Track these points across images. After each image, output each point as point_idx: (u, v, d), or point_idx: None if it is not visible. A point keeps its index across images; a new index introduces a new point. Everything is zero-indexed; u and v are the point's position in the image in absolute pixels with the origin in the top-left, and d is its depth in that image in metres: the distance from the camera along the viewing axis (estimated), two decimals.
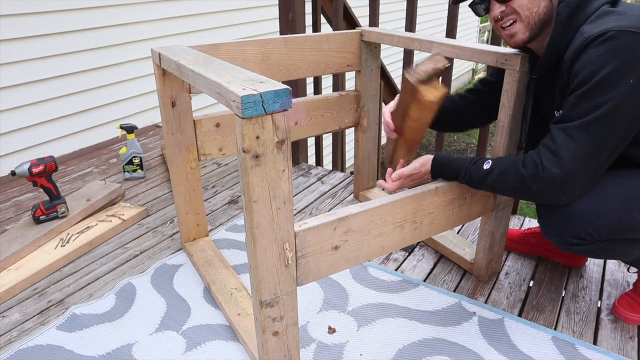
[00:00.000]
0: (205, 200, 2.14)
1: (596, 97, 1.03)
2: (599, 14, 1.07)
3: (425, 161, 1.33)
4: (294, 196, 2.18)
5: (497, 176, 1.19)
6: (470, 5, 1.20)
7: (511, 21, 1.15)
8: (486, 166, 1.21)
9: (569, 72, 1.09)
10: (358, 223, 1.12)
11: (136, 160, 2.32)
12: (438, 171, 1.31)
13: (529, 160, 1.13)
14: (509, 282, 1.58)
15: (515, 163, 1.15)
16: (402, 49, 1.94)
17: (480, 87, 1.51)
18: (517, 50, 1.27)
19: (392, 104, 1.42)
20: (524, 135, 1.34)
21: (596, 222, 1.15)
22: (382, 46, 2.23)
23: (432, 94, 1.14)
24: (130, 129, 2.28)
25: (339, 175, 2.41)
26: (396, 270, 1.66)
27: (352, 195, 2.19)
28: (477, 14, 1.22)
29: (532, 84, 1.27)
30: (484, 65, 8.85)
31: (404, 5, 2.32)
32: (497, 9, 1.15)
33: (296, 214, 2.04)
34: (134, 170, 2.34)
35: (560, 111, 1.15)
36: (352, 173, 2.28)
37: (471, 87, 1.54)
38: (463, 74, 9.38)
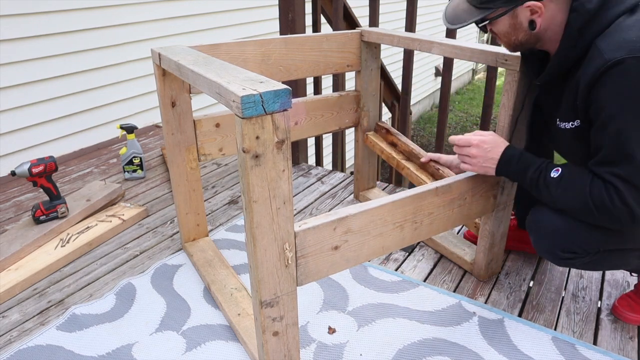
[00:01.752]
0: (205, 201, 2.14)
1: (636, 131, 0.99)
2: (615, 27, 1.01)
3: (496, 142, 1.26)
4: (294, 196, 2.18)
5: (562, 189, 1.13)
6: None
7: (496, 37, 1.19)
8: (554, 174, 1.16)
9: (586, 94, 1.04)
10: (358, 223, 1.12)
11: (136, 161, 2.32)
12: (506, 159, 1.24)
13: (597, 190, 1.07)
14: (509, 282, 1.58)
15: (584, 185, 1.09)
16: (402, 49, 1.94)
17: None
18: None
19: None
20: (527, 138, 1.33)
21: (584, 233, 1.14)
22: (382, 46, 2.23)
23: None
24: (130, 129, 2.28)
25: (339, 175, 2.41)
26: (396, 270, 1.66)
27: (352, 195, 2.19)
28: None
29: (534, 89, 1.24)
30: (484, 65, 8.85)
31: (404, 5, 2.32)
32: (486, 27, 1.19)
33: (296, 214, 2.04)
34: (134, 171, 2.34)
35: (576, 122, 1.11)
36: (352, 173, 2.28)
37: None
38: (463, 74, 9.38)
